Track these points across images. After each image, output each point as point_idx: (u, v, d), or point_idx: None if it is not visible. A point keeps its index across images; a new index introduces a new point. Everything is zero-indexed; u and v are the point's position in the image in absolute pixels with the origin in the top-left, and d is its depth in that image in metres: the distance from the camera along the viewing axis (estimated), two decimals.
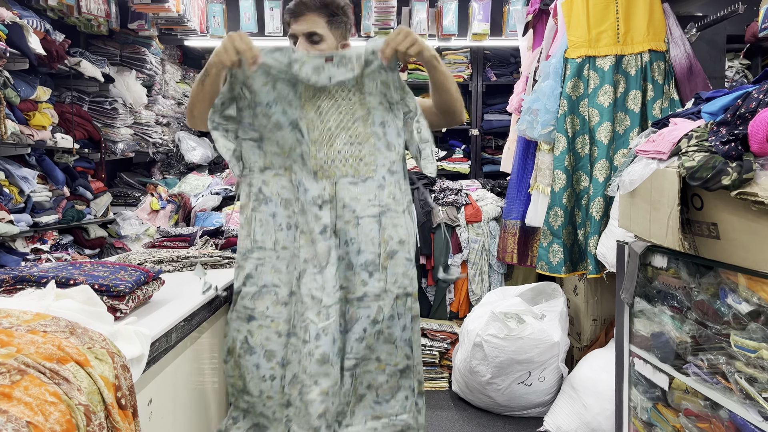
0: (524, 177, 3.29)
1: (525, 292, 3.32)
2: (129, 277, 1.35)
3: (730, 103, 1.70)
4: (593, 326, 3.08)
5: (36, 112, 2.68)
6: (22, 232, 2.56)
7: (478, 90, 4.37)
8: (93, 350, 0.98)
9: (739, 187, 1.48)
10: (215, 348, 1.86)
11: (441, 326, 3.66)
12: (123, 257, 2.06)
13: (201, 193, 3.95)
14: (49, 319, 1.00)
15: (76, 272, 1.31)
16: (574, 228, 2.89)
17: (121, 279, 1.32)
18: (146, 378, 1.29)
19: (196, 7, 3.80)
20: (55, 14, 3.01)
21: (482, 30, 3.90)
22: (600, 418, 2.58)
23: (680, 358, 1.88)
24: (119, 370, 1.00)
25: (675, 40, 2.74)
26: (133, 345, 1.11)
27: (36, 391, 0.83)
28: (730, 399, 1.63)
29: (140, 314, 1.39)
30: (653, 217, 1.83)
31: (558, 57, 2.87)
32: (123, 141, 3.46)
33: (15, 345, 0.89)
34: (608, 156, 2.77)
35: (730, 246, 1.60)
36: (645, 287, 2.07)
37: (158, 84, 3.86)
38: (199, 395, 1.71)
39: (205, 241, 2.36)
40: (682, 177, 1.66)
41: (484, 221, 3.71)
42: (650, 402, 2.07)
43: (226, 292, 1.80)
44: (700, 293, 1.77)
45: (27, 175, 2.60)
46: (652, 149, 1.85)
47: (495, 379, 3.02)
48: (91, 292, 1.15)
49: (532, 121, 2.97)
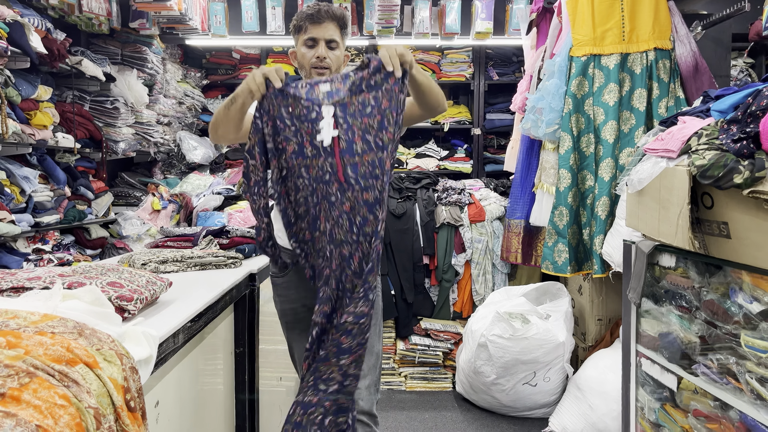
0: (528, 176, 3.27)
1: (529, 292, 3.30)
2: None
3: (740, 101, 1.69)
4: (598, 326, 3.07)
5: (37, 112, 2.67)
6: (24, 233, 2.54)
7: (481, 89, 4.36)
8: (102, 352, 0.96)
9: (751, 185, 1.46)
10: (222, 348, 1.84)
11: (444, 326, 3.65)
12: (126, 257, 2.04)
13: (202, 192, 3.93)
14: (56, 320, 0.99)
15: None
16: (579, 227, 2.88)
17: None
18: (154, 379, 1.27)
19: (197, 5, 3.78)
20: (56, 13, 2.99)
21: (485, 29, 3.88)
22: (606, 418, 2.57)
23: (688, 358, 1.87)
24: (128, 371, 0.98)
25: (680, 38, 2.73)
26: (142, 346, 1.10)
27: (45, 394, 0.81)
28: (741, 399, 1.62)
29: (147, 315, 1.37)
30: (662, 216, 1.82)
31: (563, 55, 2.86)
32: (124, 140, 3.44)
33: (23, 347, 0.88)
34: (613, 155, 2.76)
35: (741, 245, 1.59)
36: (652, 287, 2.06)
37: (159, 83, 3.84)
38: (205, 395, 1.69)
39: (209, 241, 2.34)
40: (692, 175, 1.64)
41: (487, 221, 3.70)
42: (658, 402, 2.05)
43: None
44: (710, 293, 1.75)
45: (28, 175, 2.59)
46: (661, 147, 1.84)
47: (500, 380, 3.00)
48: (98, 293, 1.13)
49: (536, 119, 2.95)
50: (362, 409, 1.84)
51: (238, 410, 2.00)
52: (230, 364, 1.97)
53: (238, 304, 1.96)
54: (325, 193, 1.58)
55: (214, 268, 2.09)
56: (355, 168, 1.55)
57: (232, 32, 4.08)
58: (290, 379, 3.02)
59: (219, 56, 4.53)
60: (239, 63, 4.53)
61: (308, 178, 1.60)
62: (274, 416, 2.58)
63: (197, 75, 4.45)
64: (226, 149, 4.43)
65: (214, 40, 4.07)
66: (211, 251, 2.18)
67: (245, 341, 1.98)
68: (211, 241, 2.36)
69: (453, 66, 4.35)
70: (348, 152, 1.55)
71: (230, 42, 4.16)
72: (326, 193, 1.58)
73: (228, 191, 3.88)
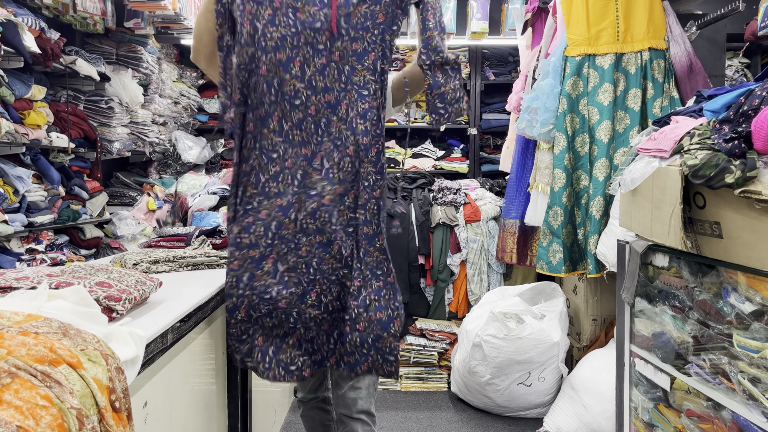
0: (523, 176, 3.27)
1: (524, 292, 3.30)
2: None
3: (732, 101, 1.69)
4: (593, 326, 3.07)
5: (31, 111, 2.66)
6: (17, 232, 2.53)
7: (477, 89, 4.36)
8: (86, 352, 0.95)
9: (743, 185, 1.46)
10: (212, 349, 1.84)
11: (440, 326, 3.64)
12: (118, 257, 2.03)
13: (198, 192, 3.92)
14: (41, 321, 0.98)
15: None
16: (574, 227, 2.87)
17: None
18: (141, 380, 1.27)
19: (192, 5, 3.77)
20: (51, 12, 2.98)
21: (481, 28, 3.88)
22: (600, 418, 2.56)
23: (682, 358, 1.86)
24: (113, 372, 0.98)
25: (675, 38, 2.73)
26: (128, 346, 1.09)
27: (27, 395, 0.80)
28: (733, 399, 1.62)
29: (136, 315, 1.36)
30: (655, 215, 1.82)
31: (557, 55, 2.86)
32: (119, 140, 3.43)
33: (5, 347, 0.87)
34: (608, 155, 2.76)
35: (733, 245, 1.58)
36: (646, 287, 2.06)
37: (155, 83, 3.83)
38: (195, 397, 1.68)
39: (201, 241, 2.33)
40: (684, 175, 1.64)
41: (483, 221, 3.69)
42: (651, 402, 2.05)
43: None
44: (702, 293, 1.75)
45: (22, 175, 2.58)
46: (654, 147, 1.83)
47: (494, 380, 3.00)
48: (84, 293, 1.12)
49: (531, 119, 2.95)
50: (361, 409, 1.84)
51: (231, 411, 2.00)
52: (222, 364, 1.96)
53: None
54: (312, 40, 1.57)
55: (206, 268, 2.08)
56: (348, 18, 1.57)
57: None
58: None
59: None
60: None
61: (294, 20, 1.58)
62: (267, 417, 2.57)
63: (193, 75, 4.44)
64: (222, 149, 4.42)
65: None
66: (204, 251, 2.17)
67: None
68: (204, 241, 2.35)
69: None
70: (345, 4, 1.57)
71: None
72: (313, 40, 1.57)
73: (223, 191, 3.87)
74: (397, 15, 1.60)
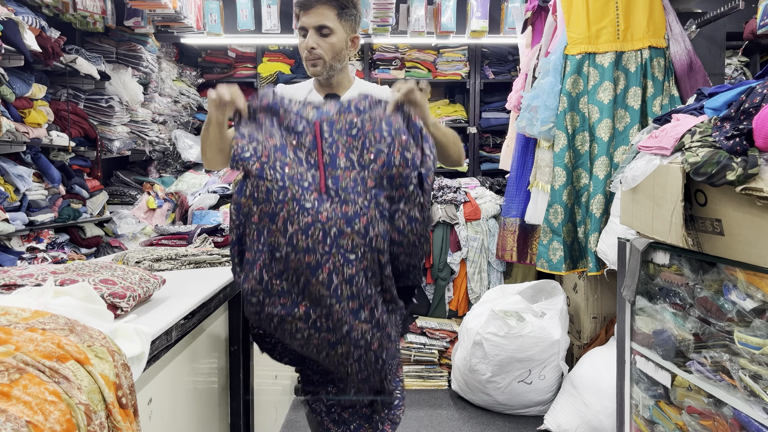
0: (523, 174, 3.28)
1: (525, 290, 3.31)
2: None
3: (733, 99, 1.69)
4: (593, 324, 3.07)
5: (31, 110, 2.66)
6: (18, 231, 2.53)
7: (476, 88, 4.36)
8: (93, 348, 0.96)
9: (744, 182, 1.47)
10: (216, 346, 1.84)
11: (440, 325, 3.65)
12: (121, 255, 2.03)
13: (198, 191, 3.92)
14: (48, 317, 0.98)
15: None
16: (574, 225, 2.88)
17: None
18: (146, 376, 1.27)
19: (192, 4, 3.77)
20: (51, 11, 2.98)
21: (480, 27, 3.88)
22: (601, 416, 2.57)
23: (682, 356, 1.87)
24: (120, 368, 0.98)
25: (675, 36, 2.73)
26: (134, 343, 1.09)
27: (35, 390, 0.81)
28: (734, 396, 1.62)
29: (140, 312, 1.37)
30: (656, 213, 1.82)
31: (557, 54, 2.86)
32: (119, 139, 3.43)
33: (13, 343, 0.87)
34: (608, 153, 2.76)
35: (734, 242, 1.59)
36: (646, 284, 2.06)
37: (155, 82, 3.83)
38: (199, 394, 1.69)
39: (203, 239, 2.33)
40: (685, 173, 1.64)
41: (483, 219, 3.70)
42: (652, 400, 2.06)
43: None
44: (703, 290, 1.76)
45: (22, 173, 2.58)
46: (655, 145, 1.84)
47: (495, 378, 3.00)
48: (90, 289, 1.13)
49: (531, 118, 2.95)
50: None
51: (233, 408, 2.00)
52: (225, 362, 1.97)
53: (232, 302, 1.96)
54: (298, 195, 1.47)
55: (208, 266, 2.08)
56: (336, 180, 1.51)
57: (228, 31, 4.07)
58: (286, 378, 3.02)
59: (214, 55, 4.52)
60: (235, 61, 4.53)
61: (281, 174, 1.47)
62: (269, 415, 2.58)
63: (193, 73, 4.44)
64: None
65: (210, 39, 4.06)
66: (206, 249, 2.17)
67: (240, 339, 1.98)
68: (205, 239, 2.36)
69: (449, 65, 4.35)
70: (331, 165, 1.52)
71: (225, 40, 4.15)
72: (300, 197, 1.47)
73: (223, 190, 3.87)
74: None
